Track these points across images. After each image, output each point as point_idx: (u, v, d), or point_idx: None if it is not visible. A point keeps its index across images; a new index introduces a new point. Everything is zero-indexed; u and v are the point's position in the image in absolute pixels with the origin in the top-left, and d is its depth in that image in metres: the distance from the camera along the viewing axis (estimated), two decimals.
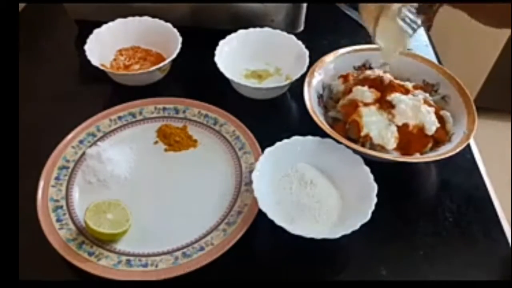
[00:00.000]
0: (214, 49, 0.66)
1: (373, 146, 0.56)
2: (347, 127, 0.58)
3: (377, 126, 0.56)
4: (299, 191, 0.53)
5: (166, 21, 0.71)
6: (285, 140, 0.55)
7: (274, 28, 0.71)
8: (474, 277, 0.50)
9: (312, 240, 0.46)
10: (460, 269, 0.51)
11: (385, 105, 0.57)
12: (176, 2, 0.73)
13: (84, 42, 0.66)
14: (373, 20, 0.52)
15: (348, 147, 0.54)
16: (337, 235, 0.47)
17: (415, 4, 0.51)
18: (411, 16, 0.52)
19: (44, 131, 0.62)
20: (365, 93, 0.58)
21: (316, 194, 0.53)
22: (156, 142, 0.61)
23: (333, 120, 0.61)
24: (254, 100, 0.67)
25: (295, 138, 0.56)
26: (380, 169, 0.52)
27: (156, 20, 0.71)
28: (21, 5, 0.82)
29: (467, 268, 0.51)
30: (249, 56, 0.70)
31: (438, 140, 0.58)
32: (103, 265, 0.48)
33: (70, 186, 0.55)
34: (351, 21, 0.83)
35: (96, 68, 0.64)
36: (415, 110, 0.56)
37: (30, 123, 0.62)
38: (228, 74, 0.64)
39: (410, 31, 0.53)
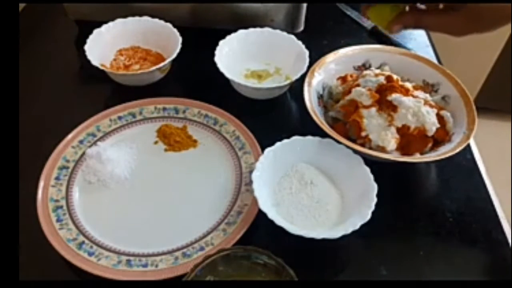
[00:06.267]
0: (214, 49, 0.66)
1: (373, 146, 0.56)
2: (347, 127, 0.58)
3: (377, 129, 0.56)
4: (299, 191, 0.53)
5: (166, 21, 0.71)
6: (285, 140, 0.55)
7: (274, 28, 0.71)
8: (474, 277, 0.50)
9: (312, 240, 0.46)
10: (460, 269, 0.51)
11: (385, 106, 0.57)
12: (176, 2, 0.73)
13: (84, 42, 0.66)
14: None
15: (348, 147, 0.54)
16: (337, 235, 0.47)
17: None
18: None
19: (44, 131, 0.62)
20: (363, 96, 0.58)
21: (316, 194, 0.53)
22: (156, 142, 0.61)
23: (333, 120, 0.61)
24: (254, 100, 0.67)
25: (295, 138, 0.56)
26: (380, 169, 0.52)
27: (156, 20, 0.71)
28: (21, 5, 0.83)
29: (467, 268, 0.51)
30: (249, 56, 0.70)
31: (438, 140, 0.57)
32: (103, 265, 0.48)
33: (70, 186, 0.55)
34: (351, 21, 0.83)
35: (96, 68, 0.64)
36: (416, 114, 0.56)
37: (30, 123, 0.62)
38: (228, 74, 0.64)
39: None
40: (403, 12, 0.51)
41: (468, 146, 0.61)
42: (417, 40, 0.80)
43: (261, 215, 0.49)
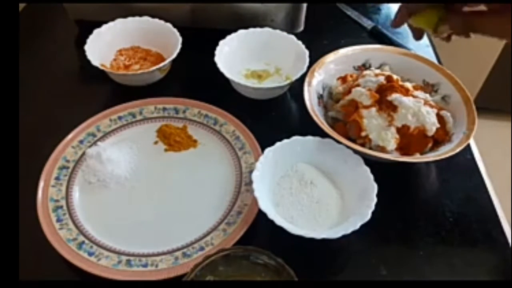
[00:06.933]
0: (214, 49, 0.66)
1: (373, 147, 0.56)
2: (347, 127, 0.58)
3: (377, 128, 0.56)
4: (299, 191, 0.53)
5: (166, 21, 0.71)
6: (285, 140, 0.55)
7: (274, 28, 0.71)
8: (474, 277, 0.50)
9: (312, 240, 0.46)
10: (460, 269, 0.51)
11: (385, 106, 0.57)
12: (176, 2, 0.73)
13: (84, 42, 0.66)
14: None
15: (348, 147, 0.54)
16: (337, 235, 0.47)
17: None
18: None
19: (44, 131, 0.62)
20: (363, 96, 0.58)
21: (316, 194, 0.53)
22: (156, 142, 0.61)
23: (333, 120, 0.61)
24: (254, 100, 0.67)
25: (295, 138, 0.56)
26: (380, 169, 0.52)
27: (156, 20, 0.71)
28: (21, 5, 0.83)
29: (467, 268, 0.51)
30: (249, 56, 0.70)
31: (438, 140, 0.57)
32: (103, 265, 0.48)
33: (70, 186, 0.55)
34: (351, 21, 0.83)
35: (96, 68, 0.64)
36: (416, 114, 0.56)
37: (30, 123, 0.62)
38: (228, 74, 0.64)
39: None
40: (451, 14, 0.45)
41: (468, 146, 0.61)
42: None
43: (261, 215, 0.49)
